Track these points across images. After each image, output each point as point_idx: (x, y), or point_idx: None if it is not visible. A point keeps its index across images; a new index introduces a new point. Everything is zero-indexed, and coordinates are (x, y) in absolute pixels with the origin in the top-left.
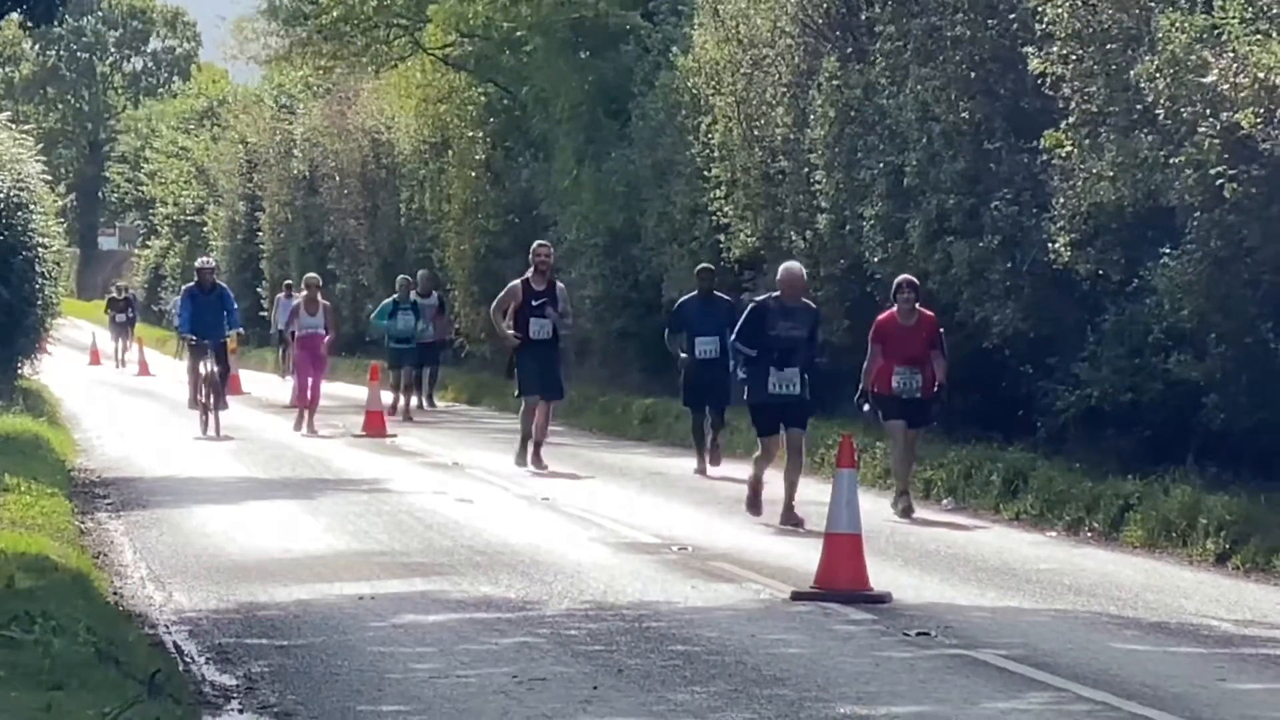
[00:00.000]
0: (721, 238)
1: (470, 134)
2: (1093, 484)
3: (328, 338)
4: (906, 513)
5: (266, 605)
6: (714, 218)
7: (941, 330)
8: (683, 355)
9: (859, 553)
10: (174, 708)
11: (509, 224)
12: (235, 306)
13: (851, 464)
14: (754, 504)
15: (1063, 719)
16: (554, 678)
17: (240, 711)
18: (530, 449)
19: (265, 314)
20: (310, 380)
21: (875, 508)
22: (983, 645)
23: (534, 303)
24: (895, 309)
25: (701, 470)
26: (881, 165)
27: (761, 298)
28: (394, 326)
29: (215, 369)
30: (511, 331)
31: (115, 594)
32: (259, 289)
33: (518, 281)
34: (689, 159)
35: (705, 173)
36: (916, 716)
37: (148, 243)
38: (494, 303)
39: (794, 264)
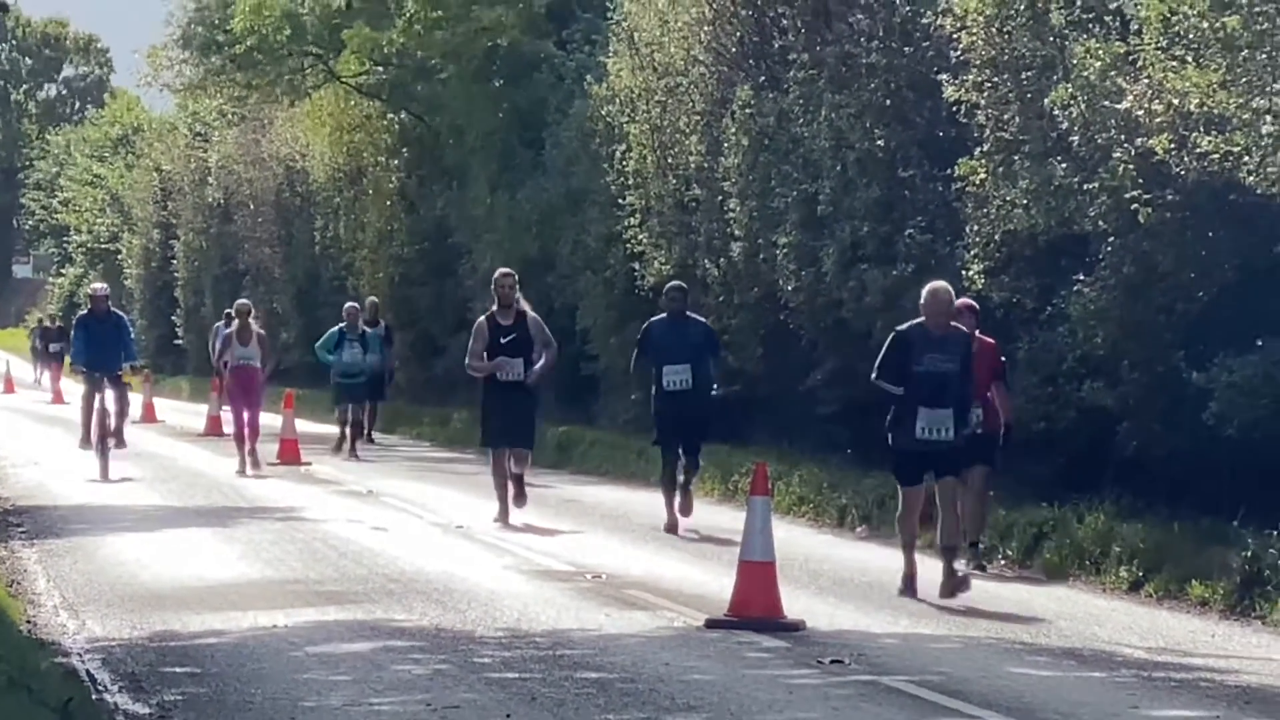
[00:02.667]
0: (636, 266)
1: (384, 162)
2: (1006, 511)
3: (265, 371)
4: (975, 564)
5: (180, 633)
6: (628, 246)
7: (1004, 360)
8: (652, 392)
9: (773, 581)
10: None
11: (423, 252)
12: (132, 336)
13: (765, 491)
14: (910, 586)
15: None
16: (467, 705)
17: None
18: (507, 503)
19: (180, 342)
20: (246, 415)
21: (789, 535)
22: (896, 673)
23: (502, 340)
24: None
25: (672, 526)
26: (795, 193)
27: (904, 326)
28: (340, 360)
29: (110, 406)
30: (491, 365)
31: (29, 622)
32: (173, 317)
33: (483, 319)
34: (603, 187)
35: (619, 201)
36: None
37: (62, 270)
38: (467, 353)
39: (941, 284)
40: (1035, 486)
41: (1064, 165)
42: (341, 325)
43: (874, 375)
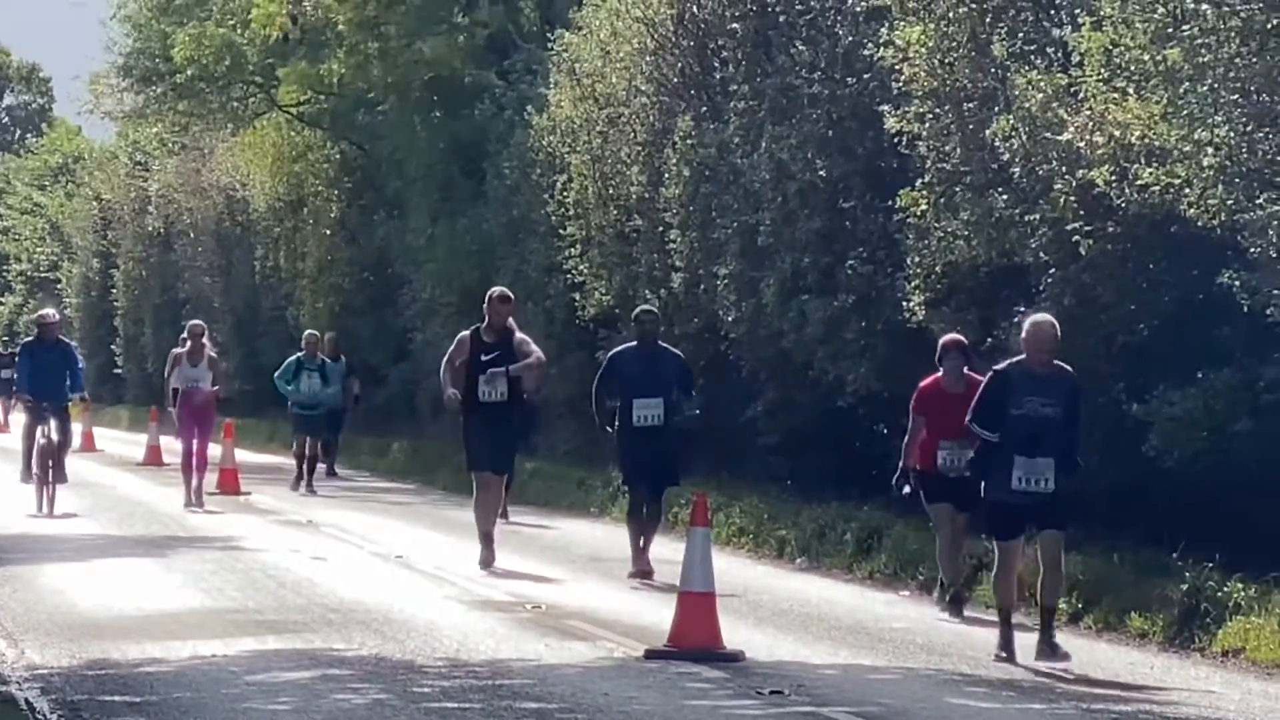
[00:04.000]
0: (576, 296)
1: (325, 191)
2: None
3: (215, 391)
4: (956, 609)
5: (119, 662)
6: (569, 276)
7: None
8: (609, 429)
9: (712, 611)
10: None
11: (364, 282)
12: (81, 366)
13: (705, 522)
14: (1007, 643)
15: None
16: None
17: None
18: (491, 545)
19: (119, 371)
20: (195, 443)
21: (729, 566)
22: (835, 704)
23: (483, 357)
24: (940, 374)
25: (643, 572)
26: (736, 224)
27: (1002, 365)
28: (298, 390)
29: (54, 437)
30: (452, 391)
31: None
32: (113, 346)
33: (466, 333)
34: (544, 217)
35: (560, 231)
36: None
37: (1, 299)
38: (443, 361)
39: (1044, 317)
40: (975, 519)
41: (1005, 197)
42: (299, 355)
43: (968, 419)
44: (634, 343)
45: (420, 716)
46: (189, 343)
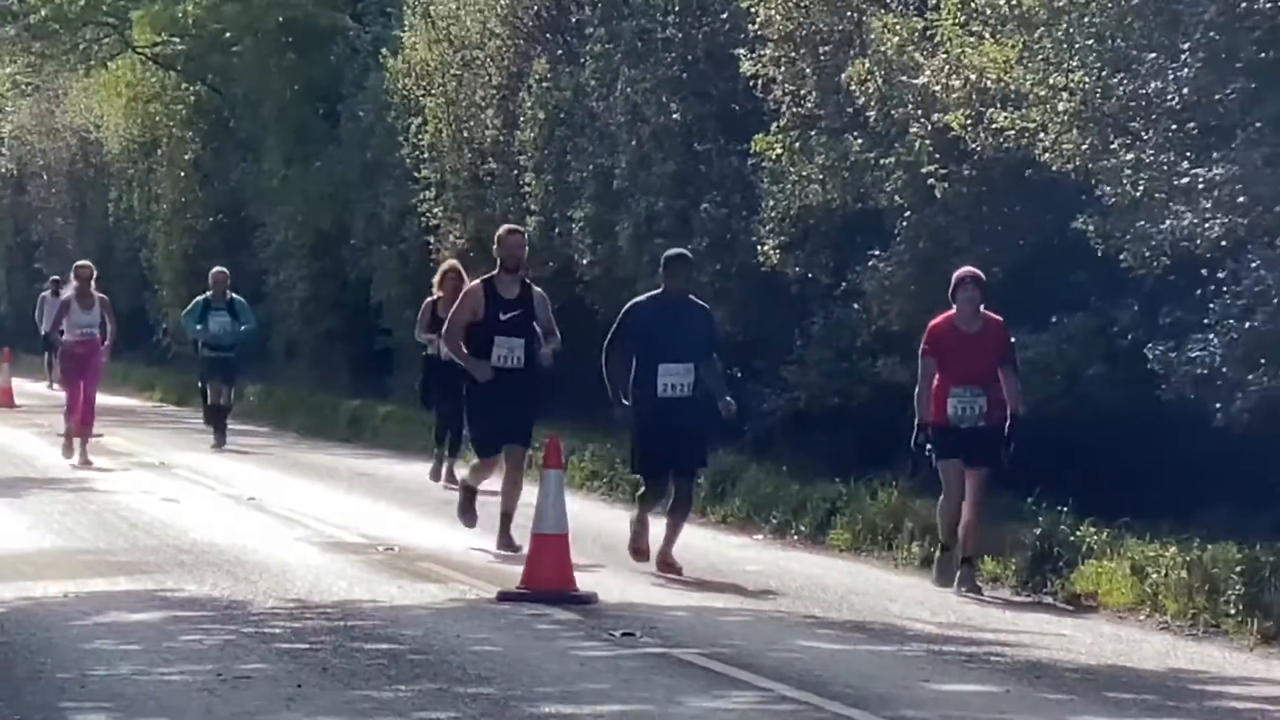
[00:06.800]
0: (431, 240)
1: (180, 134)
2: (800, 487)
3: (108, 341)
4: (970, 586)
5: None
6: (423, 219)
7: (1013, 340)
8: (624, 403)
9: (565, 553)
10: None
11: (218, 224)
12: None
13: (559, 464)
14: None
15: (766, 719)
16: (258, 675)
17: None
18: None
19: None
20: (83, 392)
21: (582, 509)
22: (688, 645)
23: (503, 316)
24: (954, 311)
25: (666, 564)
26: (591, 167)
27: None
28: (207, 331)
29: None
30: (476, 360)
31: None
32: None
33: (477, 284)
34: (398, 160)
35: (415, 174)
36: (620, 715)
37: None
38: (446, 322)
39: None
40: (829, 462)
41: (860, 140)
42: (207, 295)
43: None
44: (657, 291)
45: (271, 657)
46: (77, 285)
